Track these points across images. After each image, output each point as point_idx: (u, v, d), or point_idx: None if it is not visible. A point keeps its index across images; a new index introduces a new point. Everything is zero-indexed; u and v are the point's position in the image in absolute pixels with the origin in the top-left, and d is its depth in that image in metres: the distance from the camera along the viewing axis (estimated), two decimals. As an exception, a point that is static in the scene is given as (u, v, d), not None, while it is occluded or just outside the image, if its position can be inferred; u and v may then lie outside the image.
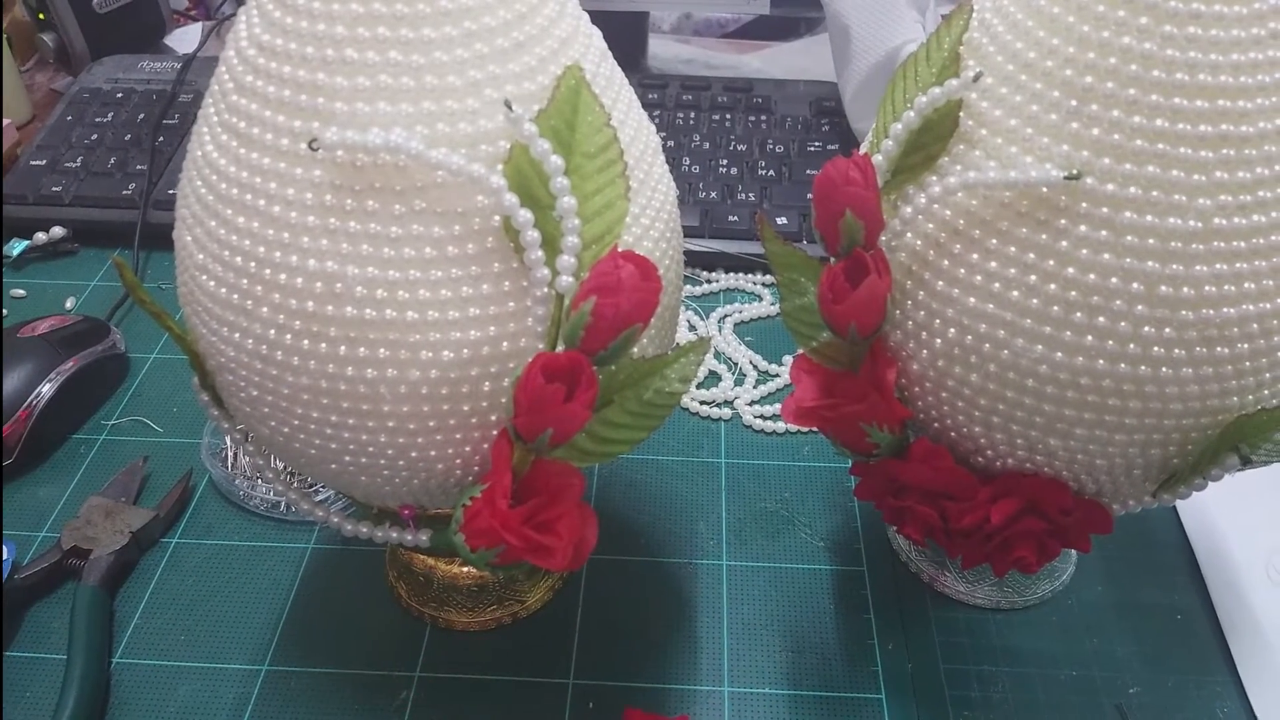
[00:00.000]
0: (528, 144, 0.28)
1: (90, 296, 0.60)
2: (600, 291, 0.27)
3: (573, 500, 0.29)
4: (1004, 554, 0.37)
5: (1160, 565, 0.46)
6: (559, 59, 0.30)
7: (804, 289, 0.35)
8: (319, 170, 0.28)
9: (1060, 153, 0.30)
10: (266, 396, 0.31)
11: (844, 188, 0.31)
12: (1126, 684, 0.41)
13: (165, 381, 0.55)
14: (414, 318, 0.28)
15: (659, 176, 0.34)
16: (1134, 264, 0.29)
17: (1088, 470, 0.34)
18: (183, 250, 0.32)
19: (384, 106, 0.28)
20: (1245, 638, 0.43)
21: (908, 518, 0.37)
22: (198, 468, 0.50)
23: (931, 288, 0.33)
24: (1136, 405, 0.31)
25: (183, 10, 0.92)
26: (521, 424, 0.27)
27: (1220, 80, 0.28)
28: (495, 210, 0.28)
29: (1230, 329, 0.30)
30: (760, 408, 0.53)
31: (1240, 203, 0.29)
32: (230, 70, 0.30)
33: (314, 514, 0.35)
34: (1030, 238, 0.30)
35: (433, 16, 0.28)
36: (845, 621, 0.44)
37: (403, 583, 0.44)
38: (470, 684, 0.41)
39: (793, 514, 0.48)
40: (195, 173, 0.31)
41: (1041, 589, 0.45)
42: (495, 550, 0.28)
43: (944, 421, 0.35)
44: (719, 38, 0.91)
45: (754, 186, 0.64)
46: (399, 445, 0.30)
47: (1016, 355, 0.32)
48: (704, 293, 0.61)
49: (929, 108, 0.31)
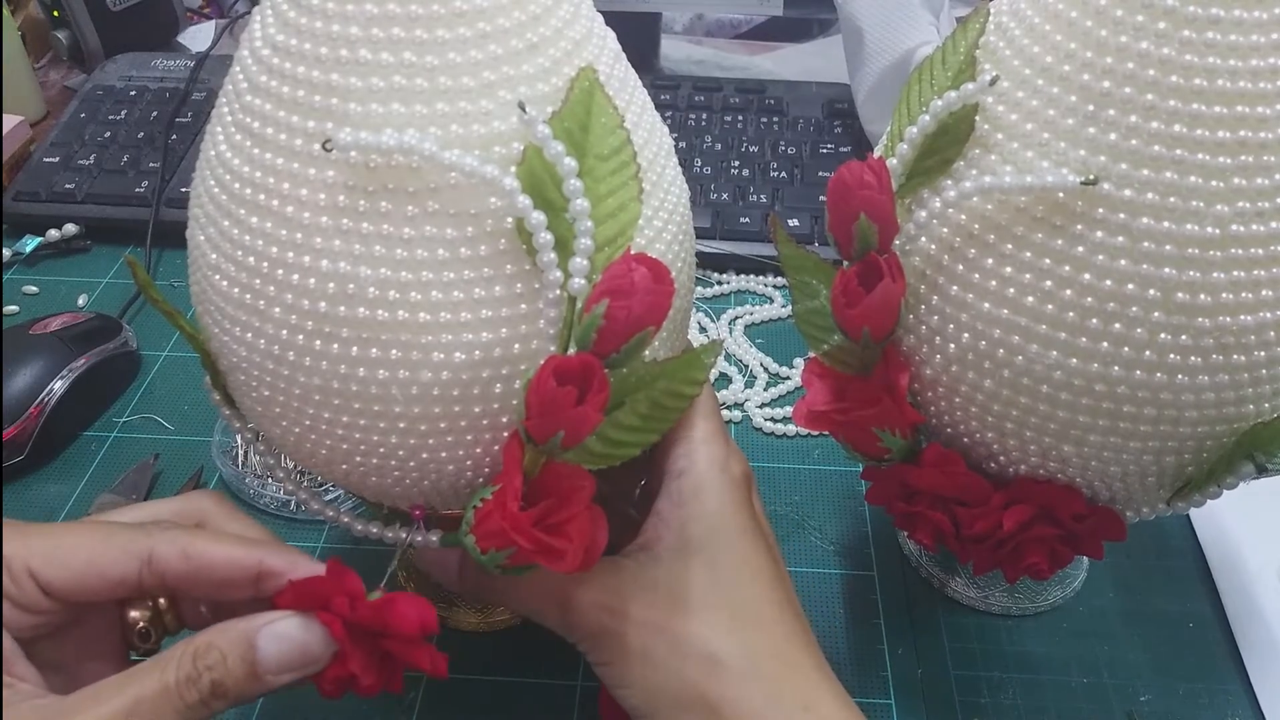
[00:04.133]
0: (541, 146, 0.27)
1: (102, 294, 0.60)
2: (613, 294, 0.26)
3: (583, 503, 0.29)
4: (1016, 560, 0.37)
5: (1173, 572, 0.46)
6: (573, 61, 0.30)
7: (816, 291, 0.35)
8: (332, 171, 0.28)
9: (1077, 158, 0.29)
10: (278, 397, 0.31)
11: (858, 191, 0.31)
12: (1138, 691, 0.41)
13: (176, 379, 0.55)
14: (426, 319, 0.28)
15: (672, 179, 0.34)
16: (1150, 270, 0.29)
17: (1101, 477, 0.34)
18: (195, 249, 0.32)
19: (398, 107, 0.27)
20: (1257, 646, 0.42)
21: (919, 523, 0.37)
22: (208, 466, 0.50)
23: (946, 292, 0.33)
24: (1151, 412, 0.31)
25: (196, 8, 0.92)
26: (533, 426, 0.27)
27: (1238, 85, 0.28)
28: (508, 212, 0.28)
29: (1247, 336, 0.30)
30: (771, 410, 0.53)
31: (1258, 209, 0.28)
32: (244, 70, 0.30)
33: (324, 513, 0.35)
34: (1046, 243, 0.30)
35: (447, 18, 0.28)
36: (855, 626, 0.43)
37: (412, 583, 0.44)
38: (478, 685, 0.41)
39: (803, 517, 0.48)
40: (208, 172, 0.31)
41: (1053, 595, 0.44)
42: (506, 552, 0.28)
43: (957, 427, 0.35)
44: (732, 39, 0.91)
45: (766, 188, 0.64)
46: (410, 446, 0.30)
47: (1030, 361, 0.31)
48: (715, 294, 0.61)
49: (944, 111, 0.31)
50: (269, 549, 0.30)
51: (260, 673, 0.28)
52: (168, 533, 0.30)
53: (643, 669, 0.30)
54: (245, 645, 0.28)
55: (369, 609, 0.29)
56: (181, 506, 0.32)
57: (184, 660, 0.27)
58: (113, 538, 0.29)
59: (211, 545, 0.30)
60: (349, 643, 0.29)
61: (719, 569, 0.31)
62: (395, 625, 0.29)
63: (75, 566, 0.28)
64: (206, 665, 0.27)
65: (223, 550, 0.30)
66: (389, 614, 0.29)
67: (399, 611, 0.29)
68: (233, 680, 0.28)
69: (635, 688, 0.30)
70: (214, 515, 0.32)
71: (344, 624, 0.29)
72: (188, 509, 0.32)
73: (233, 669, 0.28)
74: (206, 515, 0.32)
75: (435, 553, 0.33)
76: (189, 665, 0.27)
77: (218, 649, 0.28)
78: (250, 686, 0.28)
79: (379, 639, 0.29)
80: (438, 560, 0.34)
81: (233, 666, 0.28)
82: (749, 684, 0.30)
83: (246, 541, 0.31)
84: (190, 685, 0.27)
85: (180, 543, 0.29)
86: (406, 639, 0.29)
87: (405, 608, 0.29)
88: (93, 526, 0.30)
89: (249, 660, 0.28)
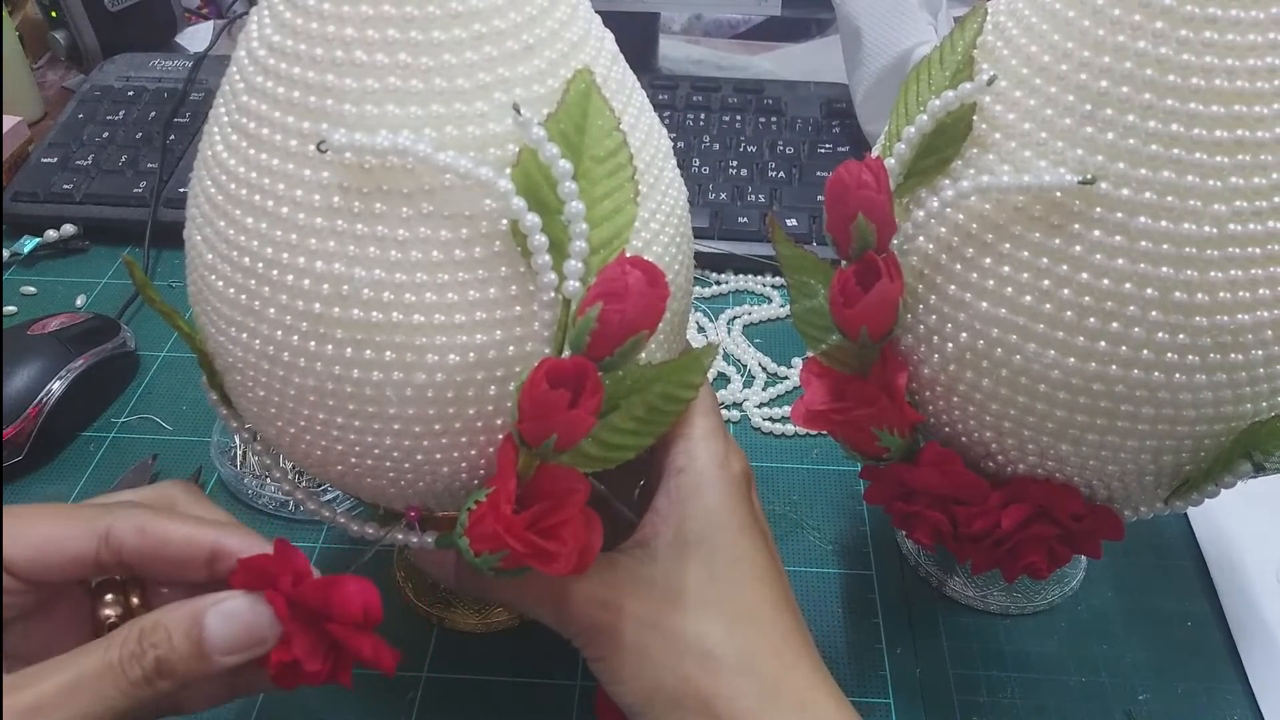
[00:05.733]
0: (536, 148, 0.27)
1: (101, 294, 0.60)
2: (607, 297, 0.26)
3: (577, 506, 0.29)
4: (1014, 559, 0.37)
5: (1171, 571, 0.46)
6: (570, 62, 0.29)
7: (814, 291, 0.35)
8: (327, 172, 0.28)
9: (1074, 157, 0.29)
10: (273, 397, 0.30)
11: (856, 191, 0.31)
12: (1136, 690, 0.41)
13: (175, 380, 0.55)
14: (420, 320, 0.28)
15: (669, 181, 0.33)
16: (1148, 270, 0.29)
17: (1099, 476, 0.34)
18: (192, 249, 0.32)
19: (393, 109, 0.27)
20: (1256, 645, 0.42)
21: (917, 522, 0.37)
22: (207, 466, 0.50)
23: (943, 292, 0.33)
24: (1149, 412, 0.31)
25: (194, 9, 0.92)
26: (526, 429, 0.27)
27: (1236, 85, 0.28)
28: (503, 214, 0.28)
29: (1244, 335, 0.30)
30: (769, 410, 0.53)
31: (1255, 208, 0.28)
32: (241, 71, 0.30)
33: (321, 514, 0.35)
34: (1043, 243, 0.30)
35: (442, 19, 0.27)
36: (853, 625, 0.43)
37: (410, 583, 0.44)
38: (477, 684, 0.41)
39: (801, 517, 0.48)
40: (205, 172, 0.31)
41: (1051, 594, 0.44)
42: (499, 555, 0.28)
43: (955, 426, 0.35)
44: (730, 39, 0.91)
45: (764, 188, 0.64)
46: (404, 448, 0.30)
47: (1028, 360, 0.31)
48: (713, 294, 0.61)
49: (942, 111, 0.31)
50: (226, 530, 0.30)
51: (207, 651, 0.28)
52: (126, 509, 0.30)
53: (638, 665, 0.30)
54: (191, 623, 0.28)
55: (312, 587, 0.29)
56: (152, 494, 0.33)
57: (130, 638, 0.27)
58: (71, 515, 0.29)
59: (168, 523, 0.30)
60: (293, 623, 0.29)
61: (716, 566, 0.31)
62: (338, 606, 0.28)
63: (34, 543, 0.28)
64: (152, 643, 0.27)
65: (178, 528, 0.30)
66: (332, 593, 0.28)
67: (343, 591, 0.28)
68: (178, 658, 0.27)
69: (630, 684, 0.30)
70: (181, 501, 0.32)
71: (287, 602, 0.29)
72: (158, 495, 0.32)
73: (178, 646, 0.27)
74: (175, 501, 0.32)
75: (431, 553, 0.33)
76: (134, 643, 0.27)
77: (164, 627, 0.28)
78: (197, 666, 0.28)
79: (325, 623, 0.29)
80: (435, 560, 0.34)
81: (178, 644, 0.27)
82: (744, 681, 0.30)
83: (204, 522, 0.31)
84: (134, 662, 0.27)
85: (138, 519, 0.30)
86: (350, 622, 0.29)
87: (350, 588, 0.28)
88: (53, 507, 0.30)
89: (195, 639, 0.28)
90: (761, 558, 0.32)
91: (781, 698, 0.30)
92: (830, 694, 0.31)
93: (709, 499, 0.32)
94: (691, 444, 0.32)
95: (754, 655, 0.30)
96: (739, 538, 0.32)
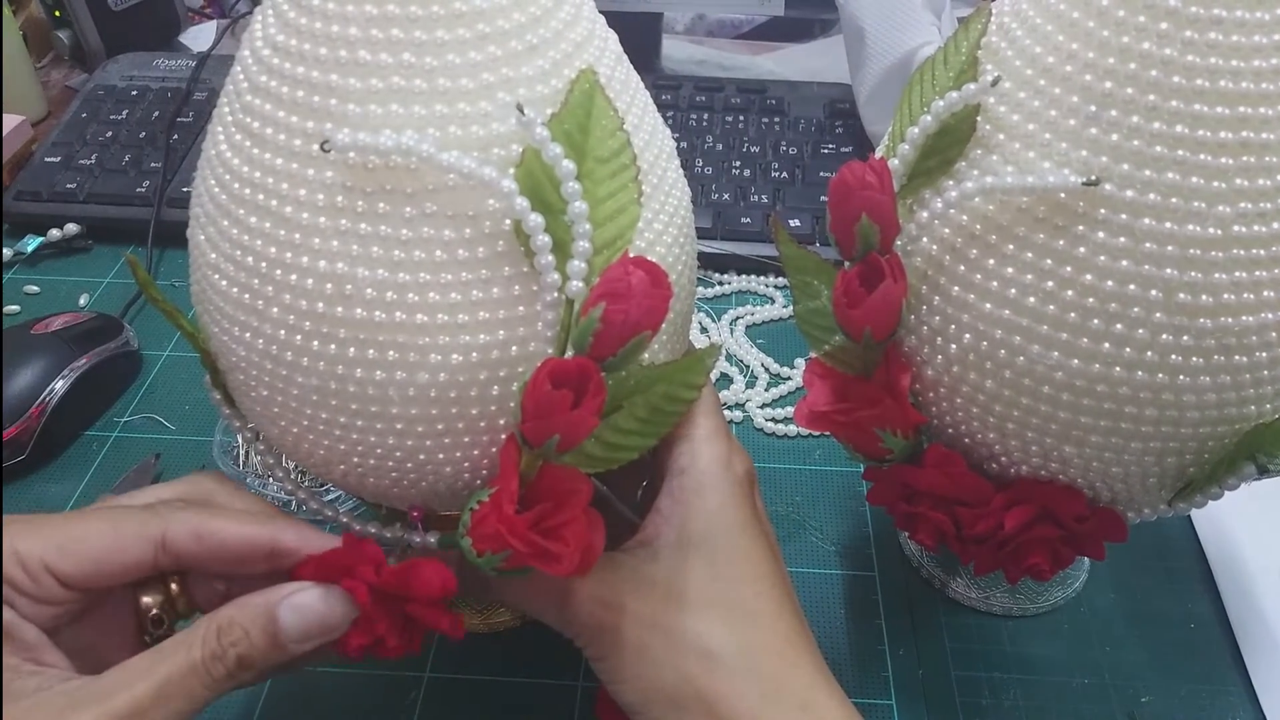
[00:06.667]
0: (540, 148, 0.27)
1: (104, 294, 0.61)
2: (610, 298, 0.26)
3: (580, 506, 0.29)
4: (1017, 561, 0.36)
5: (1174, 573, 0.46)
6: (573, 62, 0.29)
7: (817, 292, 0.35)
8: (330, 172, 0.28)
9: (1078, 158, 0.29)
10: (276, 397, 0.30)
11: (860, 191, 0.31)
12: (1139, 692, 0.41)
13: (178, 379, 0.55)
14: (423, 320, 0.28)
15: (673, 181, 0.33)
16: (1152, 271, 0.29)
17: (1103, 478, 0.34)
18: (196, 249, 0.32)
19: (396, 108, 0.27)
20: (1259, 647, 0.42)
21: (920, 523, 0.37)
22: (210, 466, 0.50)
23: (947, 293, 0.32)
24: (1153, 413, 0.31)
25: (198, 8, 0.92)
26: (528, 430, 0.27)
27: (1241, 86, 0.28)
28: (506, 214, 0.28)
29: (1249, 337, 0.30)
30: (772, 411, 0.53)
31: (1260, 210, 0.28)
32: (245, 70, 0.30)
33: (323, 513, 0.35)
34: (1047, 244, 0.30)
35: (446, 19, 0.27)
36: (856, 627, 0.43)
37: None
38: (479, 685, 0.41)
39: (804, 518, 0.48)
40: (209, 172, 0.31)
41: (1054, 596, 0.44)
42: (502, 555, 0.28)
43: (958, 427, 0.35)
44: (733, 39, 0.91)
45: (767, 188, 0.64)
46: (407, 447, 0.30)
47: (1032, 361, 0.31)
48: (716, 295, 0.60)
49: (946, 112, 0.31)
50: (280, 525, 0.31)
51: (282, 642, 0.29)
52: (179, 514, 0.30)
53: (639, 664, 0.30)
54: (267, 618, 0.29)
55: (393, 574, 0.30)
56: (186, 489, 0.33)
57: (209, 637, 0.28)
58: (124, 524, 0.30)
59: (224, 524, 0.31)
60: (375, 607, 0.30)
61: (718, 566, 0.31)
62: (419, 588, 0.30)
63: (91, 556, 0.29)
64: (231, 641, 0.28)
65: (235, 529, 0.31)
66: (413, 577, 0.30)
67: (422, 575, 0.30)
68: (258, 652, 0.29)
69: (631, 683, 0.30)
70: (219, 494, 0.33)
71: (369, 589, 0.30)
72: (193, 491, 0.33)
73: (256, 642, 0.29)
74: (212, 495, 0.33)
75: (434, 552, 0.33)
76: (214, 642, 0.28)
77: (239, 625, 0.29)
78: (274, 656, 0.29)
79: (402, 603, 0.31)
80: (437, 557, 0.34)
81: (256, 640, 0.29)
82: (746, 681, 0.30)
83: (258, 518, 0.31)
84: (216, 661, 0.28)
85: (192, 523, 0.30)
86: (428, 601, 0.30)
87: (427, 571, 0.30)
88: (103, 514, 0.30)
89: (271, 632, 0.29)
90: (764, 558, 0.32)
91: (783, 698, 0.30)
92: (832, 694, 0.31)
93: (711, 500, 0.32)
94: (694, 444, 0.32)
95: (756, 655, 0.30)
96: (741, 538, 0.32)
